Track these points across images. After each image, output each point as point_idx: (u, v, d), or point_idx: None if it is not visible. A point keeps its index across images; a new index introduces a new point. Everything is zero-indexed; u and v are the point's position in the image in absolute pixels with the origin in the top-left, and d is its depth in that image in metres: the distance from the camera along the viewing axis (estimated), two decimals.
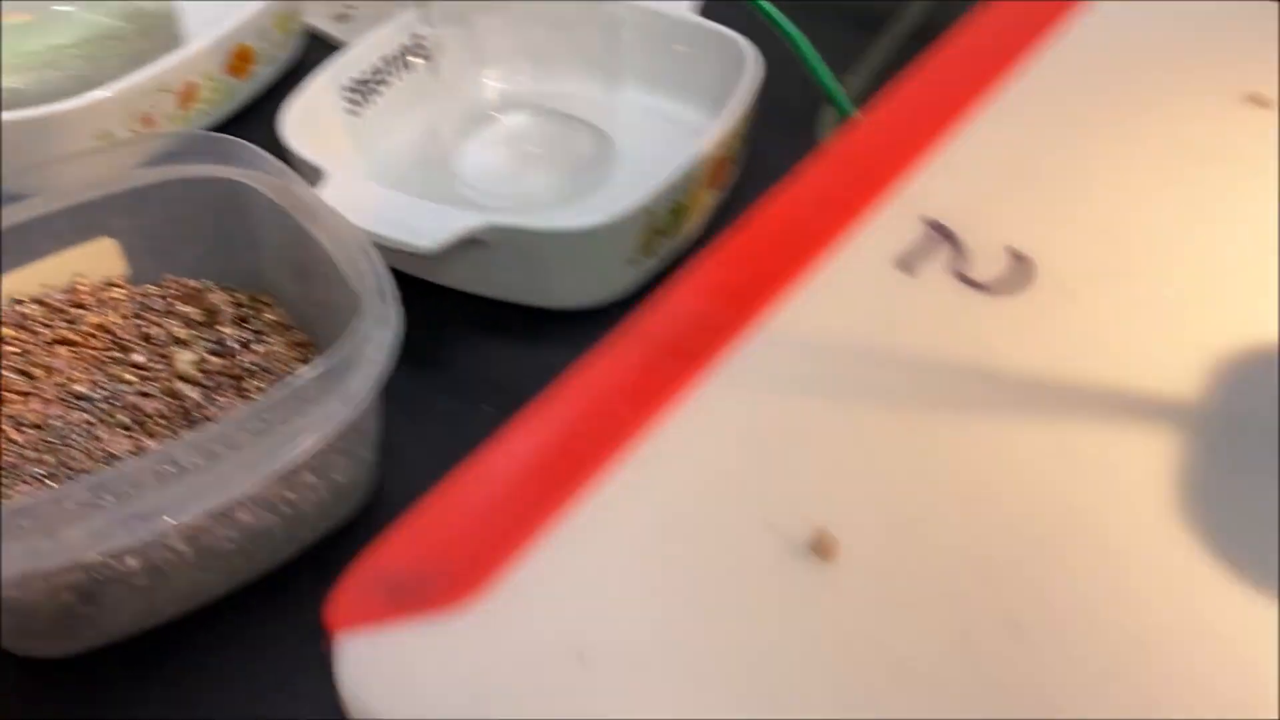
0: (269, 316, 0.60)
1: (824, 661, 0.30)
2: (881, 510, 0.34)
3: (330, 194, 0.61)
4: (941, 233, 0.41)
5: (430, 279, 0.63)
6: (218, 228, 0.60)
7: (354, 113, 0.70)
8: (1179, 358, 0.38)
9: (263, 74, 0.74)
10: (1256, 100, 0.46)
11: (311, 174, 0.62)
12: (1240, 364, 0.37)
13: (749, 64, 0.67)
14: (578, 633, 0.31)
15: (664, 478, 0.34)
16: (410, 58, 0.73)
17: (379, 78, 0.71)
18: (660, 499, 0.34)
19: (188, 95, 0.67)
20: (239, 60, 0.70)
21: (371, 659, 0.31)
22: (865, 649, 0.31)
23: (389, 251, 0.59)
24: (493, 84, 0.76)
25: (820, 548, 0.32)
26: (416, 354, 0.58)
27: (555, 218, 0.61)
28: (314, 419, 0.49)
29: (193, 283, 0.60)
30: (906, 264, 0.41)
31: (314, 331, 0.59)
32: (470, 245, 0.61)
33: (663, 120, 0.75)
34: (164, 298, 0.59)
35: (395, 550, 0.32)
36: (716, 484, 0.34)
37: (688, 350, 0.37)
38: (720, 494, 0.34)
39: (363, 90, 0.70)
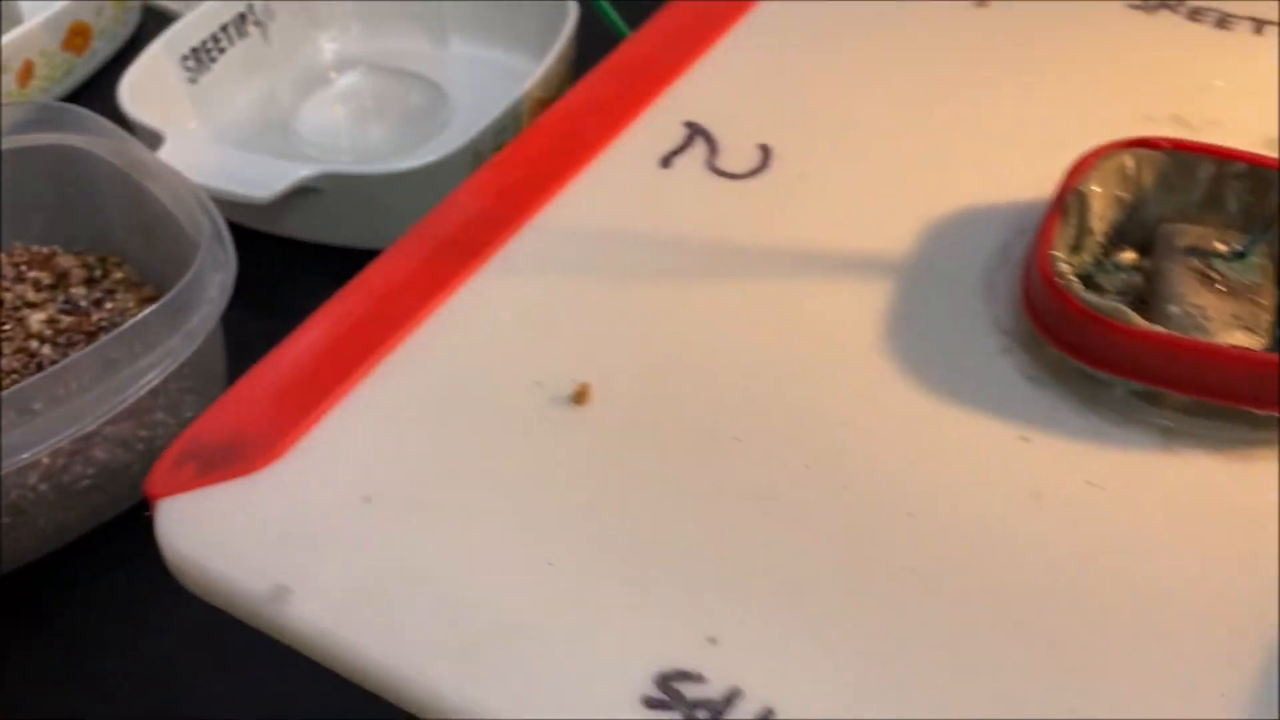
0: (118, 275, 0.64)
1: (583, 487, 0.35)
2: (633, 363, 0.39)
3: (169, 155, 0.65)
4: (699, 132, 0.47)
5: (275, 231, 0.67)
6: (61, 194, 0.64)
7: (193, 80, 0.74)
8: (893, 224, 0.43)
9: (102, 49, 0.77)
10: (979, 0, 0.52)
11: (151, 139, 0.66)
12: (941, 225, 0.43)
13: (569, 11, 0.72)
14: (365, 480, 0.36)
15: (444, 350, 0.39)
16: (246, 25, 0.76)
17: (217, 45, 0.75)
18: (440, 367, 0.39)
19: (26, 73, 0.70)
20: (76, 36, 0.73)
21: (185, 520, 0.35)
22: (618, 473, 0.36)
23: (232, 206, 0.63)
24: (328, 46, 0.80)
25: (578, 396, 0.37)
26: (265, 301, 0.62)
27: (387, 163, 0.65)
28: (157, 356, 0.53)
29: (41, 249, 0.64)
30: (667, 161, 0.46)
31: (163, 286, 0.62)
32: (308, 195, 0.65)
33: (492, 69, 0.79)
34: (14, 265, 0.62)
35: (204, 426, 0.37)
36: (491, 352, 0.39)
37: (468, 244, 0.42)
38: (494, 360, 0.39)
39: (200, 58, 0.74)
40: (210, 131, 0.73)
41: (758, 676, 0.31)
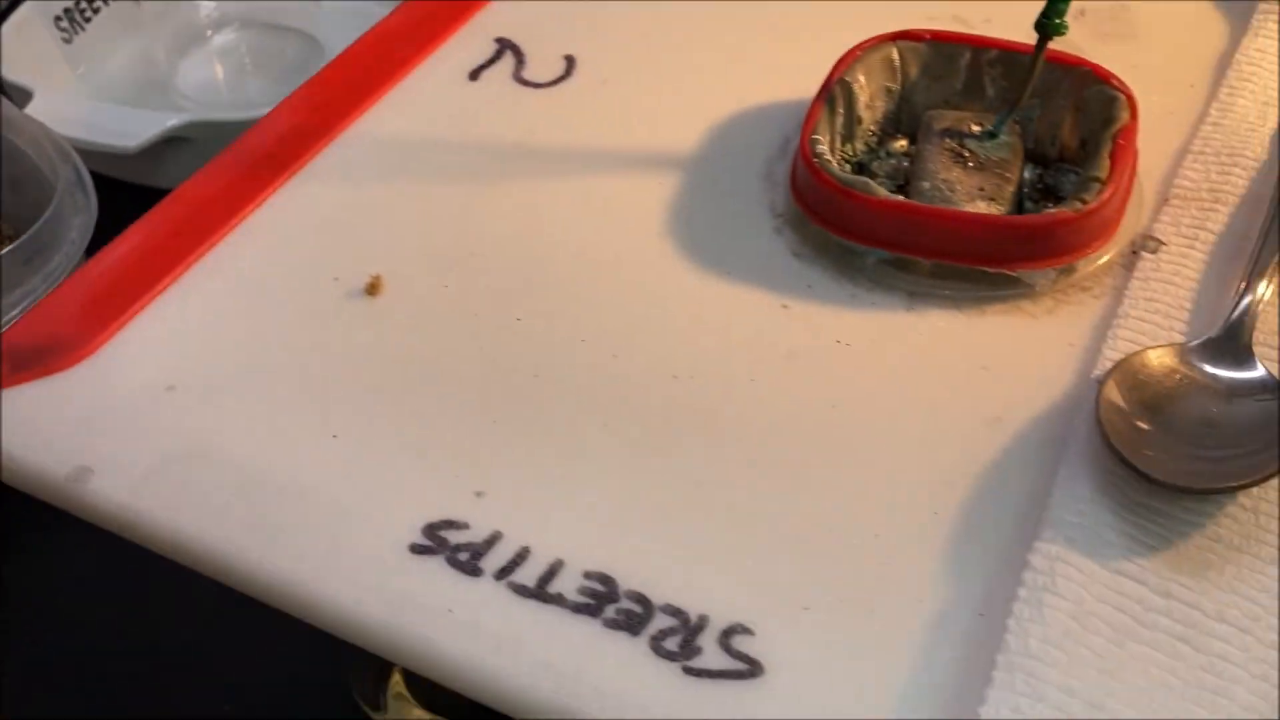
0: None
1: (371, 368, 0.38)
2: (426, 257, 0.41)
3: (37, 110, 0.67)
4: (508, 46, 0.49)
5: (152, 183, 0.69)
6: None
7: (67, 40, 0.76)
8: (685, 122, 0.46)
9: None
10: None
11: (21, 95, 0.68)
12: (730, 122, 0.46)
13: None
14: (169, 372, 0.38)
15: (250, 253, 0.42)
16: None
17: (90, 5, 0.76)
18: (246, 269, 0.41)
19: None
20: None
21: (4, 417, 0.37)
22: (403, 354, 0.38)
23: (107, 159, 0.65)
24: (204, 4, 0.82)
25: (371, 288, 0.40)
26: None
27: (256, 110, 0.67)
28: (17, 296, 0.55)
29: None
30: (475, 74, 0.48)
31: None
32: (181, 145, 0.67)
33: (367, 21, 0.81)
34: None
35: (19, 331, 0.39)
36: (294, 253, 0.42)
37: (280, 156, 0.45)
38: (296, 260, 0.41)
39: (74, 18, 0.75)
40: (87, 89, 0.75)
41: (518, 522, 0.34)
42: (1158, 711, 0.29)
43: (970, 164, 0.42)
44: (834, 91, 0.43)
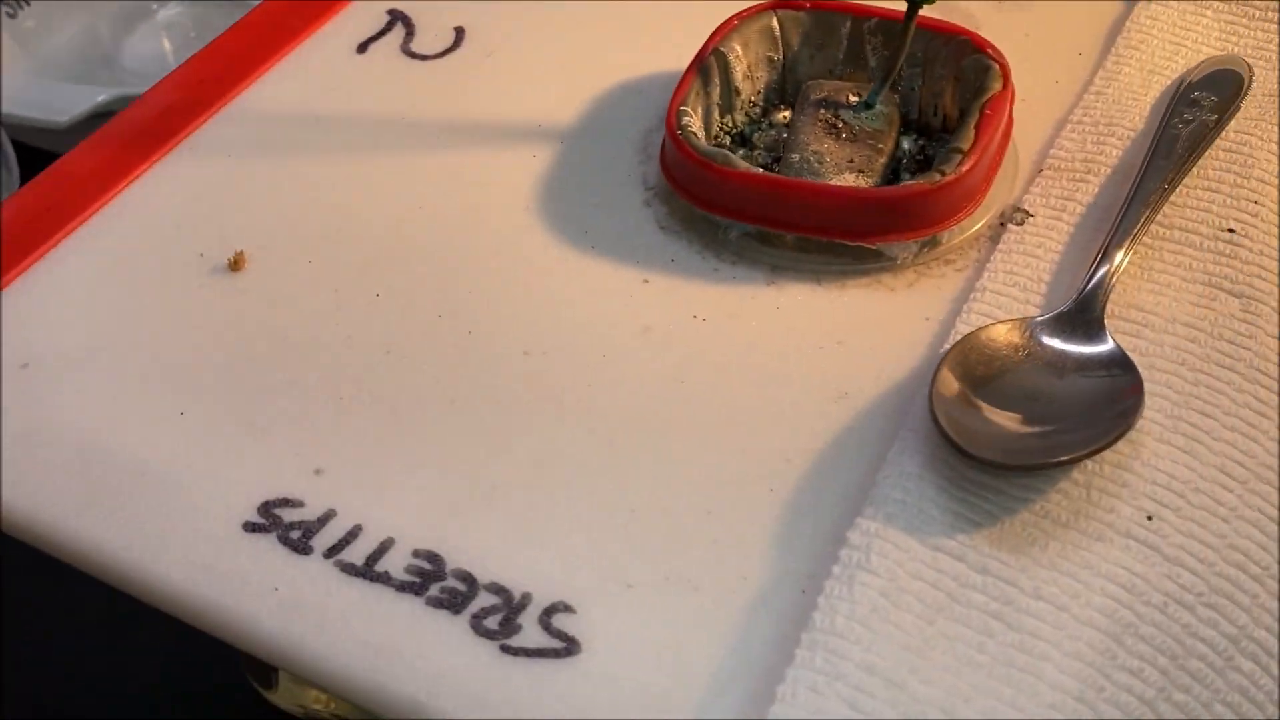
0: None
1: (225, 345, 0.38)
2: (293, 233, 0.41)
3: None
4: (399, 18, 0.49)
5: None
6: None
7: (11, 15, 0.75)
8: (569, 94, 0.45)
9: None
10: None
11: None
12: (612, 94, 0.45)
13: None
14: (25, 350, 0.38)
15: (119, 230, 0.41)
16: None
17: None
18: (113, 246, 0.41)
19: None
20: None
21: None
22: (259, 330, 0.38)
23: (39, 133, 0.65)
24: None
25: (234, 263, 0.40)
26: None
27: None
28: None
29: None
30: (364, 46, 0.48)
31: None
32: None
33: None
34: None
35: None
36: (163, 229, 0.41)
37: (160, 130, 0.44)
38: (164, 236, 0.41)
39: None
40: (32, 66, 0.75)
41: (353, 500, 0.34)
42: (962, 689, 0.28)
43: (843, 135, 0.41)
44: (708, 62, 0.42)
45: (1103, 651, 0.29)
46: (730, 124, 0.44)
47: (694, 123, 0.41)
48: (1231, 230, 0.38)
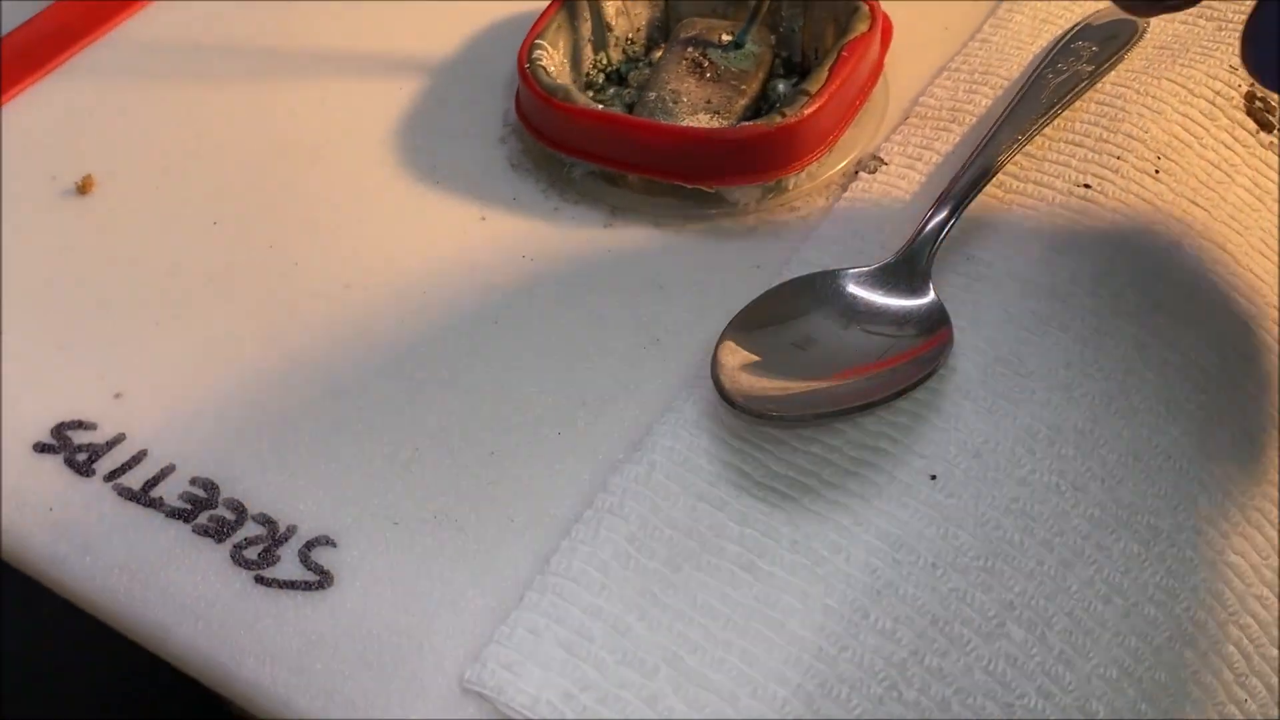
0: None
1: (58, 265, 0.38)
2: (144, 158, 0.41)
3: None
4: None
5: None
6: None
7: None
8: (439, 28, 0.44)
9: None
10: None
11: None
12: (485, 28, 0.44)
13: None
14: None
15: None
16: None
17: None
18: None
19: None
20: None
21: None
22: (92, 252, 0.38)
23: None
24: None
25: (82, 187, 0.40)
26: None
27: None
28: None
29: None
30: None
31: None
32: None
33: None
34: None
35: None
36: (23, 150, 0.41)
37: (38, 54, 0.44)
38: (22, 156, 0.41)
39: None
40: None
41: (145, 426, 0.34)
42: (693, 637, 0.27)
43: (707, 75, 0.40)
44: None
45: (856, 609, 0.28)
46: (604, 61, 0.42)
47: (551, 58, 0.39)
48: (1087, 186, 0.36)
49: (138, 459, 0.33)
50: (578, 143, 0.38)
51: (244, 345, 0.35)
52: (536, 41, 0.39)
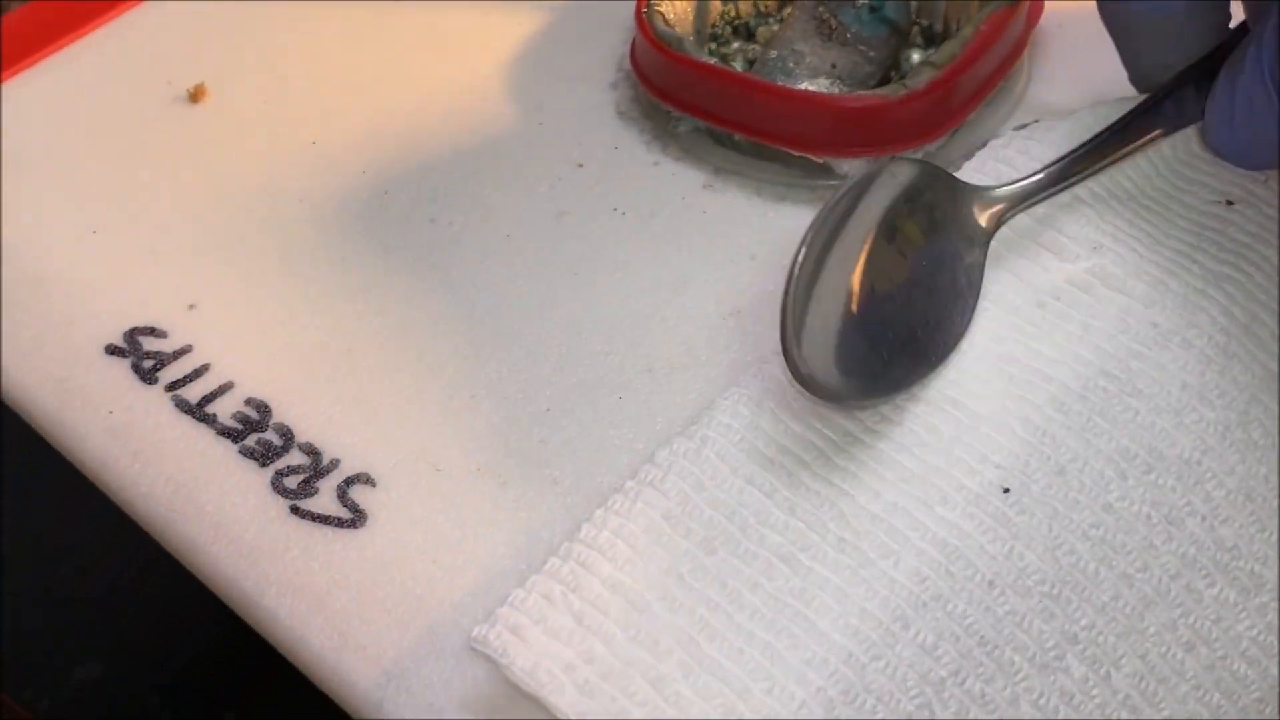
0: None
1: (163, 171, 0.38)
2: (255, 73, 0.40)
3: None
4: None
5: None
6: None
7: None
8: None
9: None
10: None
11: None
12: None
13: None
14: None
15: (113, 47, 0.42)
16: None
17: None
18: (101, 60, 0.41)
19: None
20: None
21: None
22: (197, 162, 0.38)
23: None
24: None
25: (194, 95, 0.40)
26: None
27: None
28: None
29: None
30: None
31: None
32: None
33: None
34: None
35: None
36: (149, 51, 0.42)
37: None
38: (147, 58, 0.41)
39: None
40: None
41: (213, 340, 0.33)
42: (714, 624, 0.26)
43: (834, 37, 0.37)
44: None
45: (897, 617, 0.26)
46: (733, 13, 0.40)
47: (673, 6, 0.37)
48: (1230, 203, 0.32)
49: (199, 372, 0.33)
50: (685, 96, 0.36)
51: (320, 269, 0.35)
52: None
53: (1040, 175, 0.31)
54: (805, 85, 0.36)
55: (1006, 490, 0.28)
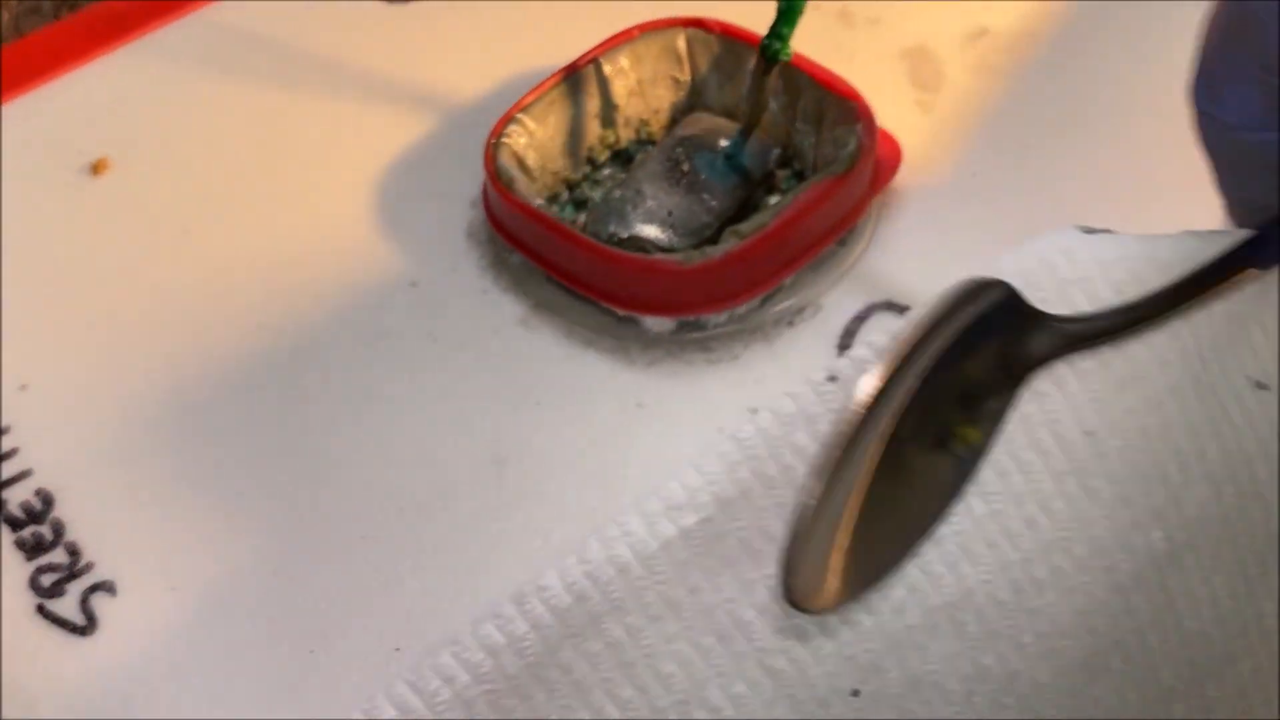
0: None
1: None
2: (171, 153, 0.42)
3: None
4: None
5: None
6: None
7: None
8: (463, 68, 0.44)
9: None
10: None
11: None
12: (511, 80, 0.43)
13: None
14: None
15: (46, 109, 0.44)
16: None
17: None
18: (28, 124, 0.44)
19: None
20: None
21: None
22: (69, 238, 0.40)
23: None
24: None
25: (96, 167, 0.42)
26: None
27: None
28: None
29: None
30: None
31: None
32: None
33: None
34: None
35: None
36: (70, 121, 0.44)
37: (126, 20, 0.47)
38: (66, 127, 0.44)
39: None
40: None
41: (32, 424, 0.35)
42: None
43: (682, 182, 0.37)
44: (582, 73, 0.39)
45: None
46: (612, 139, 0.40)
47: (531, 134, 0.38)
48: (1263, 386, 0.28)
49: (8, 455, 0.35)
50: (515, 230, 0.37)
51: (147, 363, 0.36)
52: (517, 116, 0.38)
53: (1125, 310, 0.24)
54: (638, 230, 0.36)
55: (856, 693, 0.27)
